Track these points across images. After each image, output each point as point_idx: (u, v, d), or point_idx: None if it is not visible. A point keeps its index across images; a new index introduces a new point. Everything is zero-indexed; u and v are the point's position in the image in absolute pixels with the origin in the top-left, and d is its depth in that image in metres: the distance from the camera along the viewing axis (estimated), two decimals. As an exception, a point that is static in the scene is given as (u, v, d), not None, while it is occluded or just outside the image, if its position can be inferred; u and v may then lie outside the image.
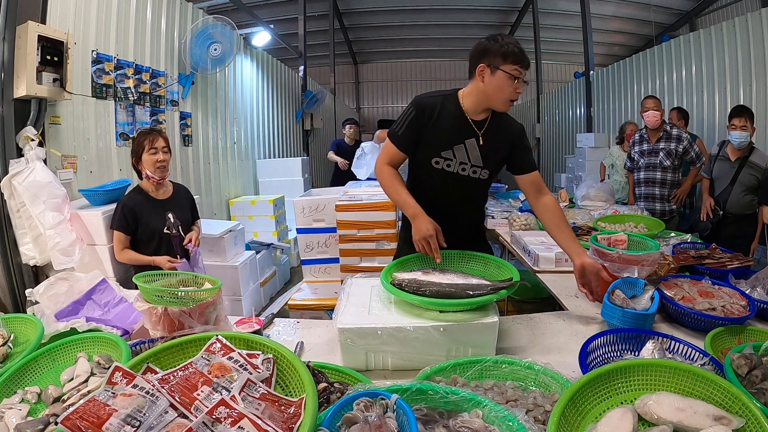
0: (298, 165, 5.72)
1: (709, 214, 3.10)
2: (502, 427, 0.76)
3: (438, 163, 1.62)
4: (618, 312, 1.36)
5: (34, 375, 1.06)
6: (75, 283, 1.53)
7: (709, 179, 3.19)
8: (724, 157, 3.09)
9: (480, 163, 1.62)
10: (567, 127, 8.43)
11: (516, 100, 1.52)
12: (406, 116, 1.61)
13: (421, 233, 1.49)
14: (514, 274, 1.38)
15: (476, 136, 1.59)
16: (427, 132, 1.60)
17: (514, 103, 1.54)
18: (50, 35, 2.30)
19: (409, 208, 1.57)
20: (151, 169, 2.22)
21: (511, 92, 1.50)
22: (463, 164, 1.62)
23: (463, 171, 1.63)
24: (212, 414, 0.66)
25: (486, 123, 1.60)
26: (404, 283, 1.30)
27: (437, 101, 1.60)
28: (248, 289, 3.67)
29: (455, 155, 1.61)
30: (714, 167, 3.15)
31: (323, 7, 9.12)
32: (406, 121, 1.61)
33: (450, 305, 1.23)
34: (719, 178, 3.11)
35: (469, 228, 1.77)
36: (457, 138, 1.59)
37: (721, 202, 3.07)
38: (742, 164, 2.98)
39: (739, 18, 4.26)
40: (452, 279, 1.35)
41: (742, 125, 2.90)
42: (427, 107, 1.59)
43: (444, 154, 1.61)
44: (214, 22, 3.97)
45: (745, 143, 2.94)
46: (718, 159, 3.13)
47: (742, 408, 0.78)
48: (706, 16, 8.33)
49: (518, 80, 1.49)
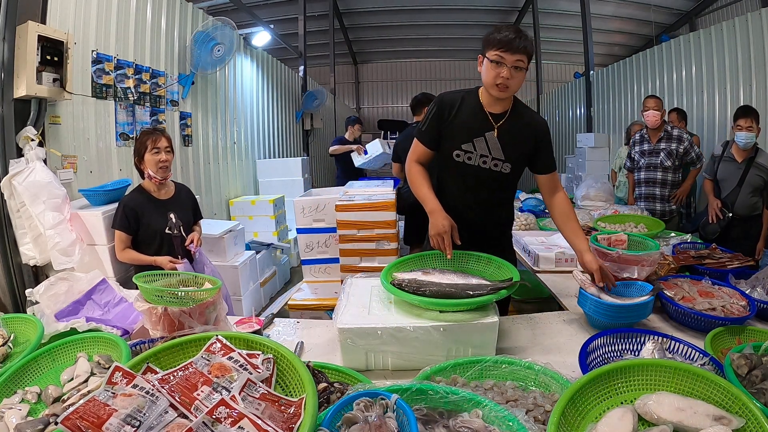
0: (298, 165, 5.72)
1: (718, 216, 3.02)
2: (502, 427, 0.76)
3: (459, 156, 1.63)
4: (589, 301, 1.41)
5: (34, 375, 1.06)
6: (75, 283, 1.53)
7: (711, 180, 3.14)
8: (730, 158, 3.02)
9: (501, 156, 1.62)
10: (567, 127, 8.43)
11: (502, 84, 1.51)
12: (429, 113, 1.66)
13: (436, 229, 1.51)
14: (514, 274, 1.39)
15: (494, 128, 1.61)
16: (447, 126, 1.63)
17: (505, 89, 1.53)
18: (50, 35, 2.30)
19: (429, 203, 1.59)
20: (154, 169, 2.22)
21: (494, 76, 1.51)
22: (484, 157, 1.62)
23: (484, 164, 1.63)
24: (212, 414, 0.66)
25: (505, 115, 1.61)
26: (404, 283, 1.30)
27: (458, 96, 1.65)
28: (248, 289, 3.67)
29: (476, 148, 1.62)
30: (719, 168, 3.08)
31: (323, 7, 9.11)
32: (429, 118, 1.66)
33: (450, 305, 1.23)
34: (725, 180, 3.04)
35: (495, 227, 1.76)
36: (478, 131, 1.61)
37: (729, 204, 3.00)
38: (749, 165, 2.93)
39: (739, 18, 4.26)
40: (452, 279, 1.35)
41: (748, 126, 2.86)
42: (447, 103, 1.64)
43: (465, 147, 1.62)
44: (215, 23, 3.97)
45: (750, 144, 2.90)
46: (722, 160, 3.05)
47: (742, 408, 0.78)
48: (706, 16, 8.32)
49: (501, 65, 1.49)
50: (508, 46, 1.46)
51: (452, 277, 1.37)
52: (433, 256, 1.57)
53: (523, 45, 1.48)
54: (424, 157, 1.69)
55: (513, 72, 1.49)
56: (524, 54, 1.49)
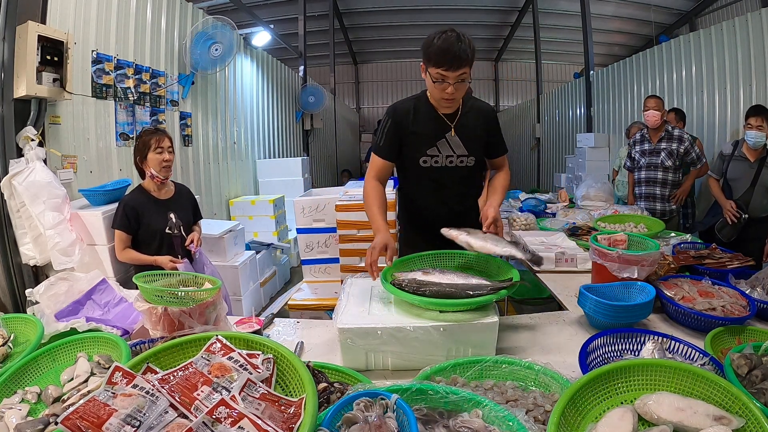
0: (298, 165, 5.72)
1: (735, 217, 2.89)
2: (502, 427, 0.76)
3: (426, 162, 1.69)
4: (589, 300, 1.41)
5: (34, 375, 1.06)
6: (75, 283, 1.53)
7: (718, 180, 3.03)
8: (741, 157, 2.92)
9: (465, 152, 1.69)
10: (567, 127, 8.42)
11: (449, 99, 1.54)
12: (384, 127, 1.69)
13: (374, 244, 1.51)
14: (514, 275, 1.39)
15: (451, 129, 1.66)
16: (407, 136, 1.67)
17: (452, 102, 1.57)
18: (50, 35, 2.30)
19: (376, 221, 1.61)
20: (157, 168, 2.22)
21: (439, 91, 1.53)
22: (450, 156, 1.69)
23: (450, 163, 1.70)
24: (212, 414, 0.66)
25: (458, 114, 1.66)
26: (404, 283, 1.30)
27: (410, 105, 1.68)
28: (248, 289, 3.67)
29: (440, 150, 1.68)
30: (729, 168, 2.98)
31: (323, 7, 9.12)
32: (385, 132, 1.68)
33: (450, 305, 1.23)
34: (737, 179, 2.93)
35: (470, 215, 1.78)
36: (438, 134, 1.67)
37: (743, 205, 2.88)
38: (761, 165, 2.86)
39: (739, 18, 4.26)
40: (452, 279, 1.35)
41: (758, 125, 2.82)
42: (401, 113, 1.67)
43: (429, 152, 1.68)
44: (214, 22, 3.97)
45: (761, 144, 2.84)
46: (733, 159, 2.95)
47: (742, 408, 0.78)
48: (706, 16, 8.32)
49: (444, 82, 1.49)
50: (449, 64, 1.46)
51: (452, 277, 1.37)
52: (433, 256, 1.57)
53: (465, 57, 1.45)
54: (384, 170, 1.72)
55: (457, 86, 1.51)
56: (467, 66, 1.48)
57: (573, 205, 3.83)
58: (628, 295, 1.52)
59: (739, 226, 2.90)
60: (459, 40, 1.44)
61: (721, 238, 2.93)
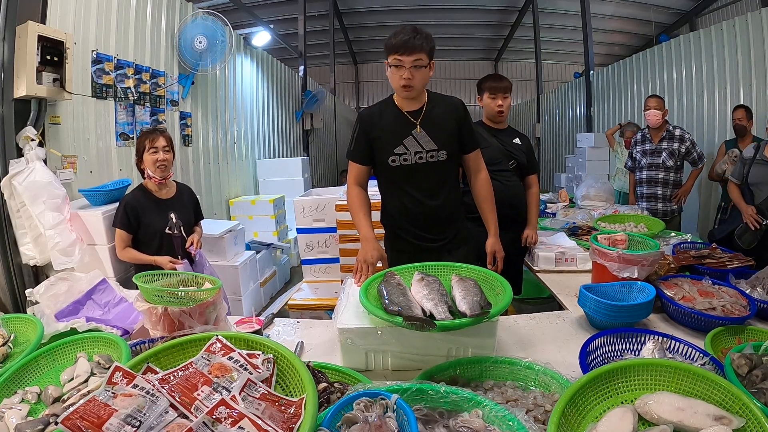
0: (298, 165, 5.71)
1: (759, 222, 2.69)
2: (502, 427, 0.76)
3: (395, 161, 1.70)
4: (590, 300, 1.41)
5: (34, 375, 1.06)
6: (75, 283, 1.53)
7: (739, 185, 2.86)
8: (764, 160, 2.75)
9: (434, 146, 1.69)
10: (567, 127, 8.42)
11: (406, 85, 1.59)
12: (354, 133, 1.75)
13: (363, 256, 1.55)
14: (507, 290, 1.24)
15: (416, 124, 1.69)
16: (375, 138, 1.72)
17: (410, 89, 1.61)
18: (50, 35, 2.29)
19: (362, 229, 1.66)
20: (152, 168, 2.22)
21: (397, 79, 1.60)
22: (419, 153, 1.70)
23: (420, 160, 1.70)
24: (212, 414, 0.66)
25: (423, 110, 1.69)
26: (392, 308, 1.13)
27: (376, 109, 1.76)
28: (248, 289, 3.67)
29: (407, 148, 1.69)
30: (750, 172, 2.79)
31: (323, 7, 9.11)
32: (355, 137, 1.74)
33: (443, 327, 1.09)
34: (760, 183, 2.75)
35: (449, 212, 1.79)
36: (403, 132, 1.69)
37: (765, 210, 2.70)
38: None
39: (739, 18, 4.26)
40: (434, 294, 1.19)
41: None
42: (367, 117, 1.74)
43: (397, 151, 1.69)
44: (204, 15, 3.93)
45: None
46: (755, 163, 2.78)
47: (742, 408, 0.78)
48: (706, 16, 8.32)
49: (401, 67, 1.56)
50: (404, 48, 1.55)
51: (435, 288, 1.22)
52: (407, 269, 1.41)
53: (419, 44, 1.54)
54: (362, 175, 1.77)
55: (413, 71, 1.57)
56: (421, 52, 1.55)
57: (573, 205, 3.83)
58: (628, 294, 1.52)
59: (761, 232, 2.71)
60: (414, 30, 1.56)
61: (741, 244, 2.76)
